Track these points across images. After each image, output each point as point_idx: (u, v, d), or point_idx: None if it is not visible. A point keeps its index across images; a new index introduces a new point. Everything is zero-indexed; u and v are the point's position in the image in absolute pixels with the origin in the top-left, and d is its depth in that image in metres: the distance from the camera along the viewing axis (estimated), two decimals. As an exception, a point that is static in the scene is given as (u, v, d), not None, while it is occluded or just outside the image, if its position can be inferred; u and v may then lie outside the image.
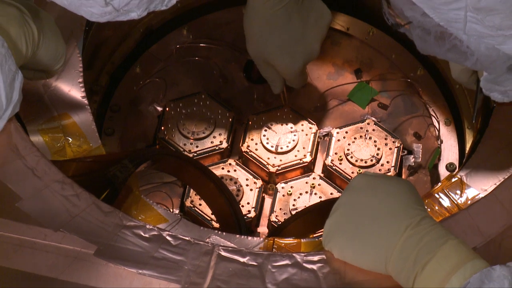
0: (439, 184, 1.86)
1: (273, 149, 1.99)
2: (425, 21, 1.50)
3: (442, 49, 1.55)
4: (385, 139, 2.00)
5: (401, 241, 1.53)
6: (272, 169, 1.98)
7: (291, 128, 2.02)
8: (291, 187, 1.98)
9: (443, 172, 1.98)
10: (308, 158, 1.99)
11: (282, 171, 1.99)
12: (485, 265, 1.51)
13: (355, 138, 2.00)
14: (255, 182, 1.98)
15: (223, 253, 1.58)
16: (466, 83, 1.77)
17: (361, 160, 1.98)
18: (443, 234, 1.53)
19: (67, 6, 1.52)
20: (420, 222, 1.53)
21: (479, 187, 1.76)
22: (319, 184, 1.98)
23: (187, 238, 1.59)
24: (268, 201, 1.98)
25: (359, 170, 1.98)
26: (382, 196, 1.59)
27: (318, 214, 1.87)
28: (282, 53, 1.92)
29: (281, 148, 1.99)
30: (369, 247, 1.57)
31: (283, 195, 1.97)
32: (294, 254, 1.60)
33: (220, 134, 2.00)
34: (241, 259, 1.58)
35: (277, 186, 1.98)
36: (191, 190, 1.96)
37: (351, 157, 1.98)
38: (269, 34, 1.90)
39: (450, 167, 1.98)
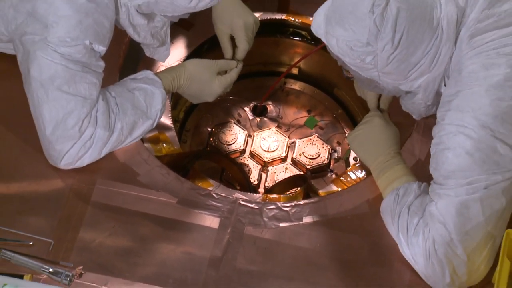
0: (350, 167, 1.85)
1: (266, 150, 1.97)
2: (360, 74, 1.46)
3: (371, 87, 1.52)
4: (322, 145, 1.97)
5: (379, 158, 1.52)
6: (266, 160, 1.96)
7: (276, 139, 1.98)
8: (275, 168, 1.95)
9: (351, 161, 1.95)
10: (284, 154, 1.96)
11: (271, 161, 1.96)
12: (412, 179, 1.49)
13: (307, 144, 1.97)
14: (257, 166, 1.96)
15: (241, 202, 1.57)
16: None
17: (311, 155, 1.94)
18: (398, 161, 1.52)
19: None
20: (394, 154, 1.53)
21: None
22: (289, 167, 1.96)
23: (223, 195, 1.58)
24: (263, 176, 1.96)
25: (310, 162, 1.93)
26: (382, 132, 1.57)
27: (288, 182, 1.87)
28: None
29: (270, 149, 1.97)
30: (367, 156, 1.56)
31: (271, 173, 1.95)
32: (277, 203, 1.59)
33: (239, 142, 1.97)
34: (250, 205, 1.57)
35: (268, 168, 1.96)
36: (225, 170, 1.93)
37: (305, 154, 1.95)
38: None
39: (355, 159, 1.95)
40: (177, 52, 1.89)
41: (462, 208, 1.33)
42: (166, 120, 1.81)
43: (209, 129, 2.00)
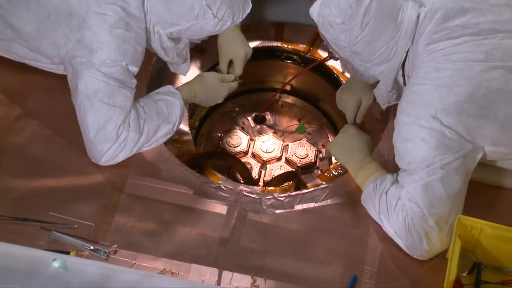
0: (332, 165, 1.84)
1: (265, 151, 1.96)
2: (338, 53, 1.47)
3: (348, 69, 1.52)
4: (310, 147, 1.96)
5: (354, 160, 1.53)
6: (265, 159, 1.95)
7: (273, 142, 1.97)
8: (272, 166, 1.94)
9: (333, 160, 1.93)
10: (279, 155, 1.95)
11: (268, 160, 1.95)
12: (384, 172, 1.49)
13: (298, 146, 1.95)
14: (257, 164, 1.95)
15: (245, 193, 1.57)
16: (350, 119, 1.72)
17: (301, 155, 1.93)
18: (369, 160, 1.52)
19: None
20: (366, 155, 1.53)
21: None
22: (283, 165, 1.95)
23: (230, 187, 1.58)
24: (263, 172, 1.94)
25: (300, 160, 1.92)
26: (355, 139, 1.57)
27: (283, 177, 1.86)
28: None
29: (268, 150, 1.96)
30: (345, 159, 1.56)
31: (269, 169, 1.94)
32: (273, 194, 1.58)
33: (243, 145, 1.96)
34: (252, 196, 1.57)
35: (266, 166, 1.94)
36: (232, 167, 1.92)
37: (296, 154, 1.94)
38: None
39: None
40: (194, 71, 1.90)
41: (428, 188, 1.35)
42: (184, 127, 1.80)
43: (219, 134, 2.00)
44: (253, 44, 1.90)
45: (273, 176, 1.91)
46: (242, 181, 1.87)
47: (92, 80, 1.46)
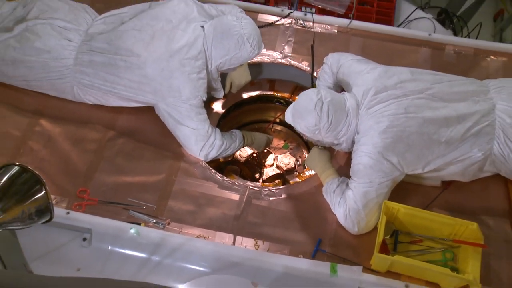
0: (305, 168, 1.84)
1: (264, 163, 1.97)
2: (312, 138, 1.52)
3: (318, 142, 1.55)
4: (292, 157, 1.96)
5: (319, 166, 1.54)
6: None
7: (269, 155, 1.99)
8: (267, 170, 1.94)
9: (306, 166, 1.87)
10: (272, 162, 1.96)
11: (265, 166, 1.96)
12: (336, 176, 1.50)
13: (283, 157, 1.96)
14: (258, 168, 1.95)
15: (250, 187, 1.59)
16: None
17: (285, 163, 1.94)
18: (329, 167, 1.53)
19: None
20: (327, 163, 1.54)
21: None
22: (274, 169, 1.95)
23: (240, 183, 1.60)
24: (262, 173, 1.95)
25: (285, 166, 1.94)
26: (322, 153, 1.56)
27: (274, 177, 1.88)
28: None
29: (265, 162, 1.97)
30: (313, 166, 1.56)
31: (265, 172, 1.94)
32: (268, 187, 1.61)
33: (246, 157, 1.97)
34: (255, 188, 1.59)
35: (264, 169, 1.94)
36: (242, 170, 1.92)
37: (283, 162, 1.95)
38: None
39: (309, 165, 1.94)
40: (219, 109, 1.90)
41: (366, 193, 1.41)
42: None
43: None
44: (255, 93, 1.93)
45: (268, 176, 1.93)
46: (248, 179, 1.88)
47: (184, 110, 1.54)
